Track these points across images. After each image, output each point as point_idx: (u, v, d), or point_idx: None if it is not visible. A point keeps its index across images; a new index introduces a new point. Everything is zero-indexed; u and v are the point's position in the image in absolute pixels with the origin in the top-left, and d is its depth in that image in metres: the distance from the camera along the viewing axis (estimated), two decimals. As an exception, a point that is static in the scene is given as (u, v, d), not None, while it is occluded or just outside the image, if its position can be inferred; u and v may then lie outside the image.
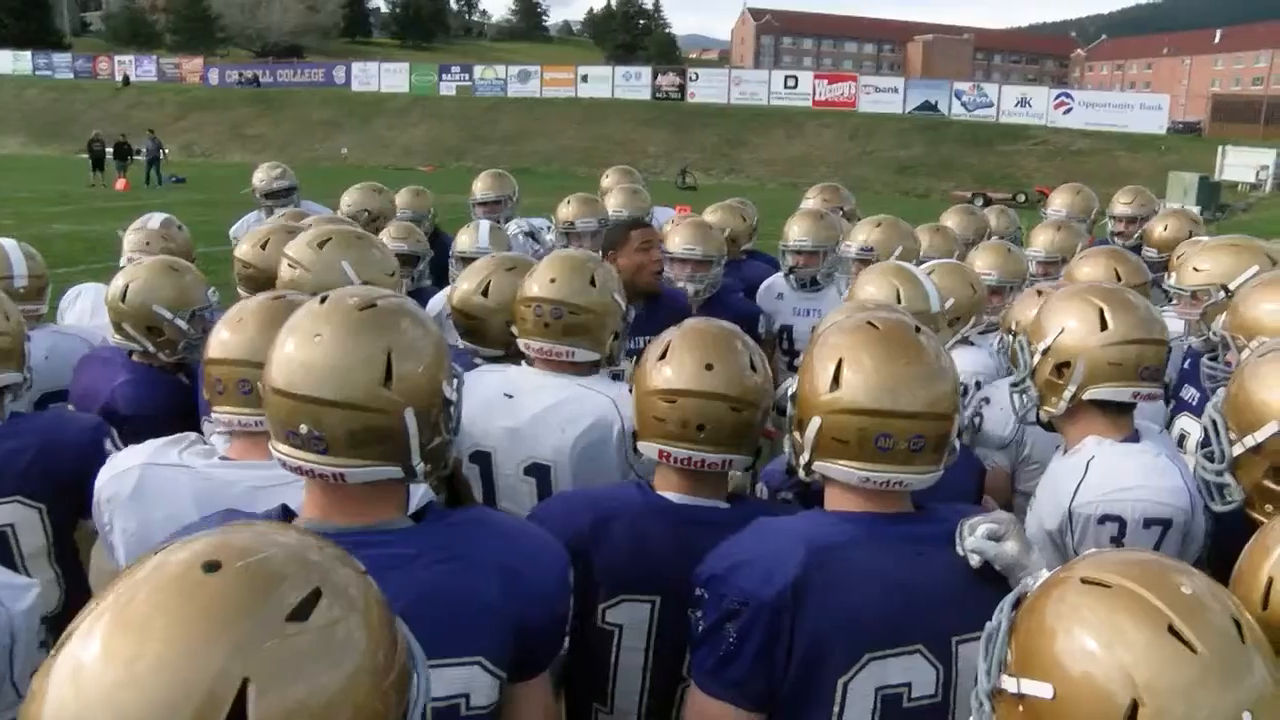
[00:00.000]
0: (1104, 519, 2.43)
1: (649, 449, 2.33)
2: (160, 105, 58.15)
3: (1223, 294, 3.36)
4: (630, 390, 2.44)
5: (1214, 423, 2.09)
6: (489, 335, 3.30)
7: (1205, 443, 2.28)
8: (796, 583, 1.85)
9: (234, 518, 1.80)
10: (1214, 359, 3.02)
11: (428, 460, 1.82)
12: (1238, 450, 2.01)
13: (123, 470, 2.27)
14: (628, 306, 3.13)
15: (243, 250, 3.82)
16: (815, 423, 2.00)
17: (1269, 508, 1.98)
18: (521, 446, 2.83)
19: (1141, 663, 1.22)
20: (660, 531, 2.24)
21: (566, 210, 5.70)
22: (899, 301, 3.21)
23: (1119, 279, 3.94)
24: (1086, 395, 2.62)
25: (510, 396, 2.88)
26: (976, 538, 1.95)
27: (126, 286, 3.40)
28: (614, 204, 6.06)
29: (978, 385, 3.52)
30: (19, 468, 2.62)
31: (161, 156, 36.93)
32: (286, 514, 1.84)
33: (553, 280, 3.00)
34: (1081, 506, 2.47)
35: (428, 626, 1.60)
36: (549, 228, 6.14)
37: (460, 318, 3.37)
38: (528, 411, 2.83)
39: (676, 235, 4.80)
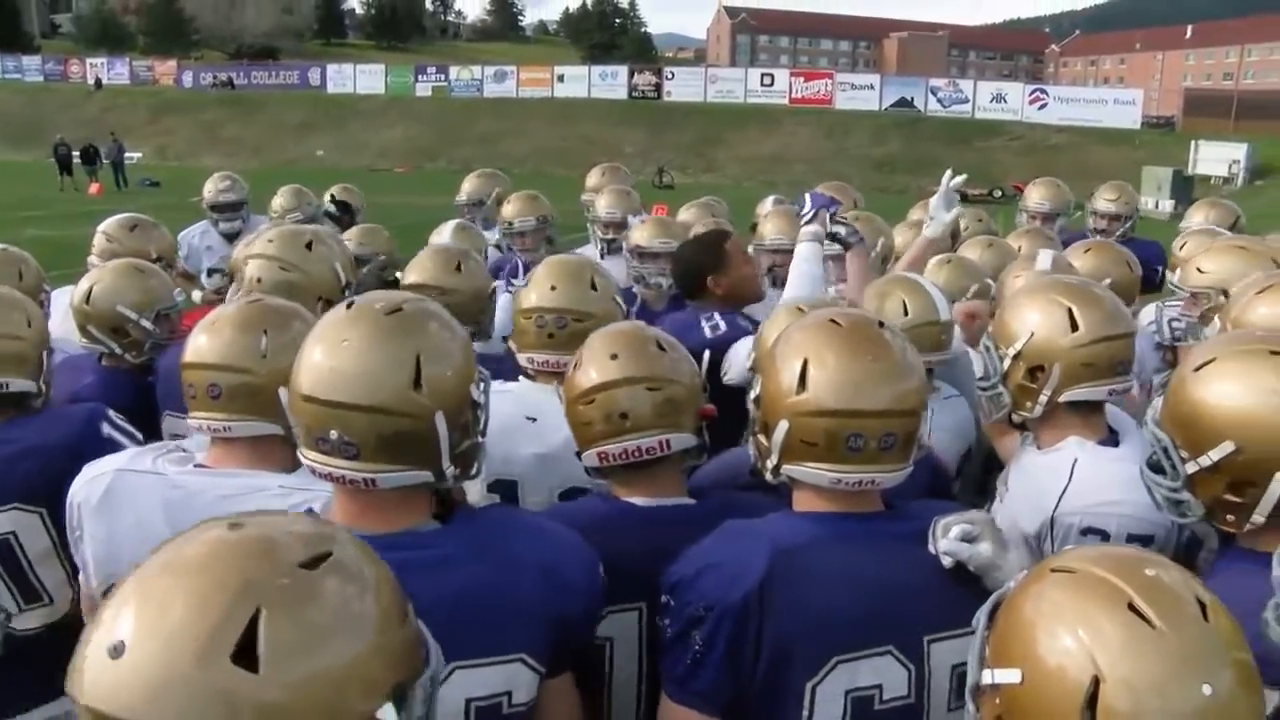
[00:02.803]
0: (1087, 531, 2.37)
1: (590, 459, 2.31)
2: (133, 108, 57.73)
3: (1222, 298, 3.30)
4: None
5: (1160, 442, 2.02)
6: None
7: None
8: (762, 586, 1.82)
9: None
10: None
11: (457, 464, 1.82)
12: (1191, 469, 1.94)
13: (95, 475, 2.24)
14: (627, 309, 3.10)
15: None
16: (783, 426, 1.96)
17: (1230, 517, 1.93)
18: (555, 472, 2.70)
19: (1101, 640, 1.23)
20: (632, 537, 2.20)
21: (507, 209, 5.65)
22: (905, 314, 3.13)
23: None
24: (1062, 398, 2.57)
25: (533, 420, 2.76)
26: (950, 539, 1.92)
27: (90, 289, 3.39)
28: (605, 205, 5.97)
29: None
30: (14, 475, 2.58)
31: (124, 160, 36.69)
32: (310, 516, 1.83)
33: (553, 288, 2.92)
34: (1065, 515, 2.41)
35: (468, 628, 1.69)
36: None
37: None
38: (558, 434, 2.64)
39: (646, 230, 4.90)
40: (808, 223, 3.64)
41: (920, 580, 1.93)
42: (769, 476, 2.05)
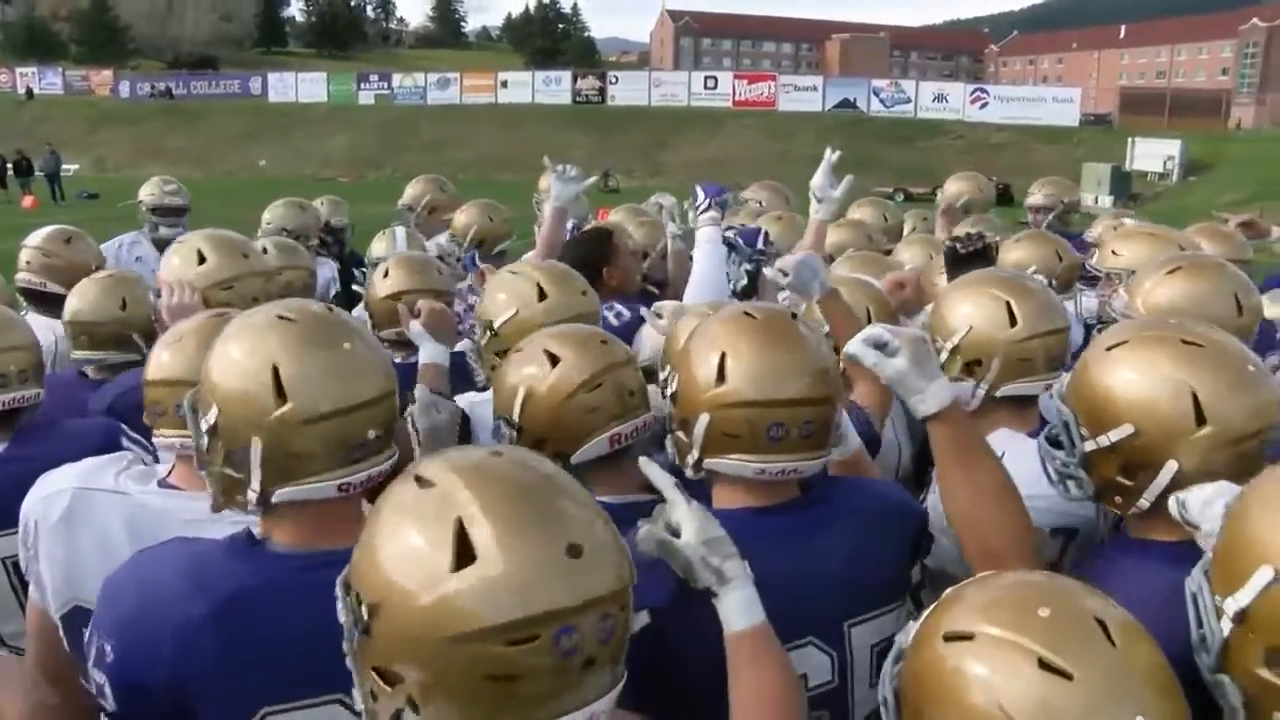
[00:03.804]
0: None
1: (596, 448, 2.24)
2: (69, 119, 56.61)
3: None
4: (511, 422, 2.33)
5: (1062, 416, 2.04)
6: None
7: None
8: (671, 596, 1.77)
9: (190, 543, 1.78)
10: None
11: None
12: (1089, 447, 1.97)
13: (53, 493, 2.16)
14: None
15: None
16: (703, 419, 1.98)
17: (1119, 499, 1.97)
18: None
19: (1025, 710, 1.20)
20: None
21: (460, 219, 5.62)
22: (869, 320, 3.10)
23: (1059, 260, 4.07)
24: (999, 393, 2.59)
25: None
26: (856, 342, 1.94)
27: (123, 299, 3.41)
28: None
29: None
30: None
31: (61, 172, 36.00)
32: (250, 539, 1.78)
33: (584, 294, 3.03)
34: None
35: None
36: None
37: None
38: None
39: None
40: (704, 211, 3.72)
41: (833, 568, 1.96)
42: (689, 472, 2.04)
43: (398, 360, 3.22)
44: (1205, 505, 1.66)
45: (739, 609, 1.70)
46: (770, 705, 1.67)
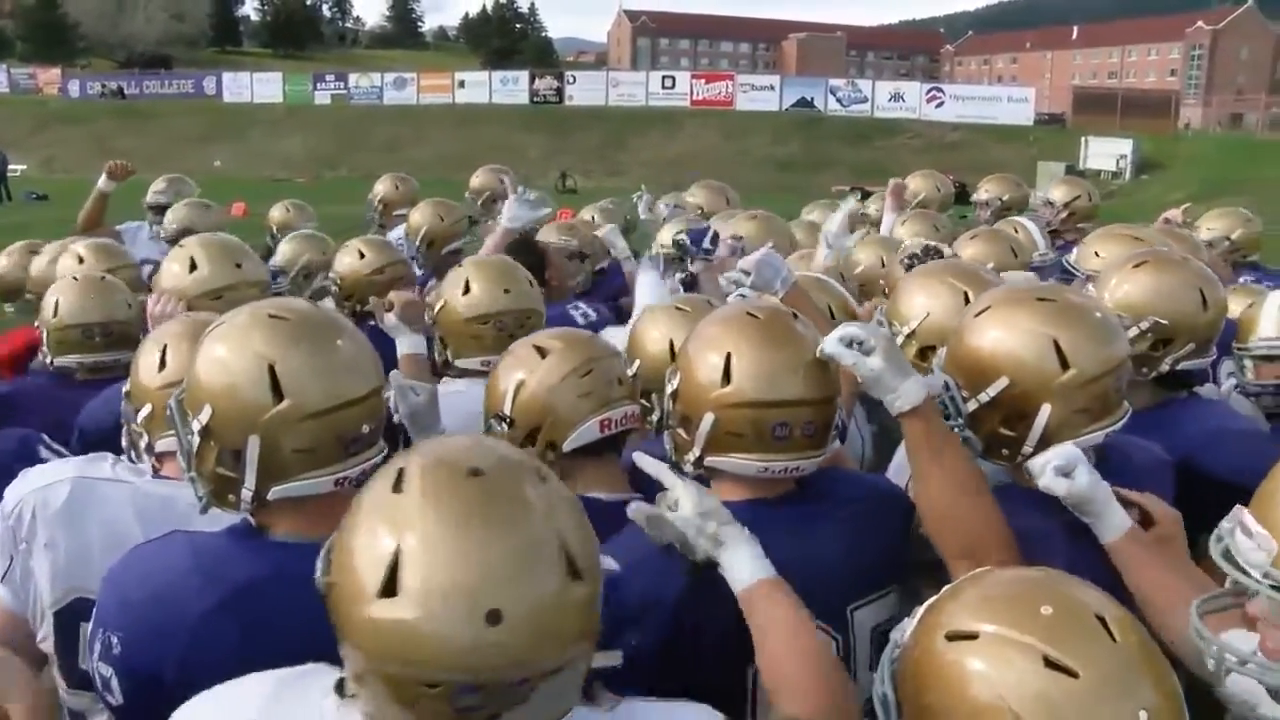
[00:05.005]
0: None
1: (587, 433, 2.29)
2: (15, 118, 55.50)
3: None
4: (502, 416, 2.35)
5: (945, 384, 2.20)
6: None
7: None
8: (683, 588, 1.83)
9: (192, 535, 1.78)
10: None
11: None
12: (972, 406, 2.15)
13: (49, 483, 2.11)
14: None
15: None
16: (708, 419, 2.01)
17: (1005, 451, 2.15)
18: None
19: (1031, 708, 1.21)
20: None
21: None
22: (832, 316, 3.15)
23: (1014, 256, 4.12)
24: None
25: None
26: (832, 341, 1.96)
27: (126, 300, 3.32)
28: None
29: None
30: None
31: (8, 172, 35.28)
32: (250, 529, 1.78)
33: (507, 291, 3.15)
34: None
35: None
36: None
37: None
38: None
39: (552, 230, 5.22)
40: (698, 259, 3.62)
41: (836, 553, 2.02)
42: (689, 469, 2.07)
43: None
44: (1044, 465, 1.97)
45: (745, 564, 1.75)
46: (799, 650, 1.71)
